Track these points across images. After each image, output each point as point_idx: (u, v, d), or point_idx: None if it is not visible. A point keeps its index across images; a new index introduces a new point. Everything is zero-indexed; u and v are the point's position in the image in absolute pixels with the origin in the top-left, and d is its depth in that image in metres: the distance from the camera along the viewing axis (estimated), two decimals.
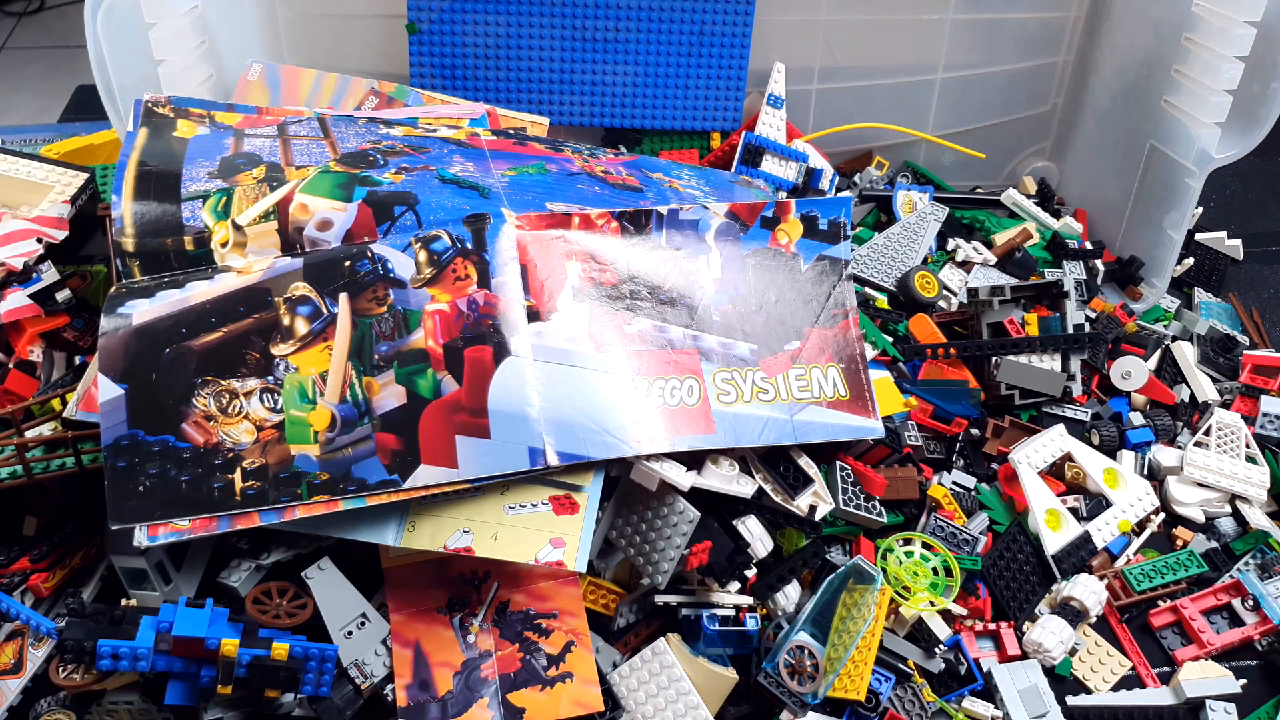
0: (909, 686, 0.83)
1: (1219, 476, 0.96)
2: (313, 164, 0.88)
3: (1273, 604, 0.89)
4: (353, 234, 0.82)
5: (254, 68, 1.07)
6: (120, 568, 0.80)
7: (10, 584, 0.82)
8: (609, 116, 1.21)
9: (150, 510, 0.73)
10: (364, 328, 0.79)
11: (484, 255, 0.81)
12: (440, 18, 1.14)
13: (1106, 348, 1.11)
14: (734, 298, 0.88)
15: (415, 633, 0.79)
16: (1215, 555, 0.93)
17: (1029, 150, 1.40)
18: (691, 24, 1.17)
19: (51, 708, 0.77)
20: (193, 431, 0.75)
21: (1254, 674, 0.86)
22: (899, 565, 0.87)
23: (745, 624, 0.82)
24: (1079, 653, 0.88)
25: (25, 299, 0.93)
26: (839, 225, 0.92)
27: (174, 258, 0.81)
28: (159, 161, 0.87)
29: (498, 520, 0.77)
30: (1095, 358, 1.09)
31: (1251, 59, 1.04)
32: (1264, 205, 1.43)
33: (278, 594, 0.78)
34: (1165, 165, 1.16)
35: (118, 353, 0.76)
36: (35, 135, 1.60)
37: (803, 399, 0.86)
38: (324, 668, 0.74)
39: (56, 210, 1.00)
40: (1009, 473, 0.97)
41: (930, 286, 1.12)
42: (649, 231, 0.87)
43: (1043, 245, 1.25)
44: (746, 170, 1.16)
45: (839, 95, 1.30)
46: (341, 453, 0.76)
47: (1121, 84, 1.24)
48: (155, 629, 0.70)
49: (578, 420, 0.78)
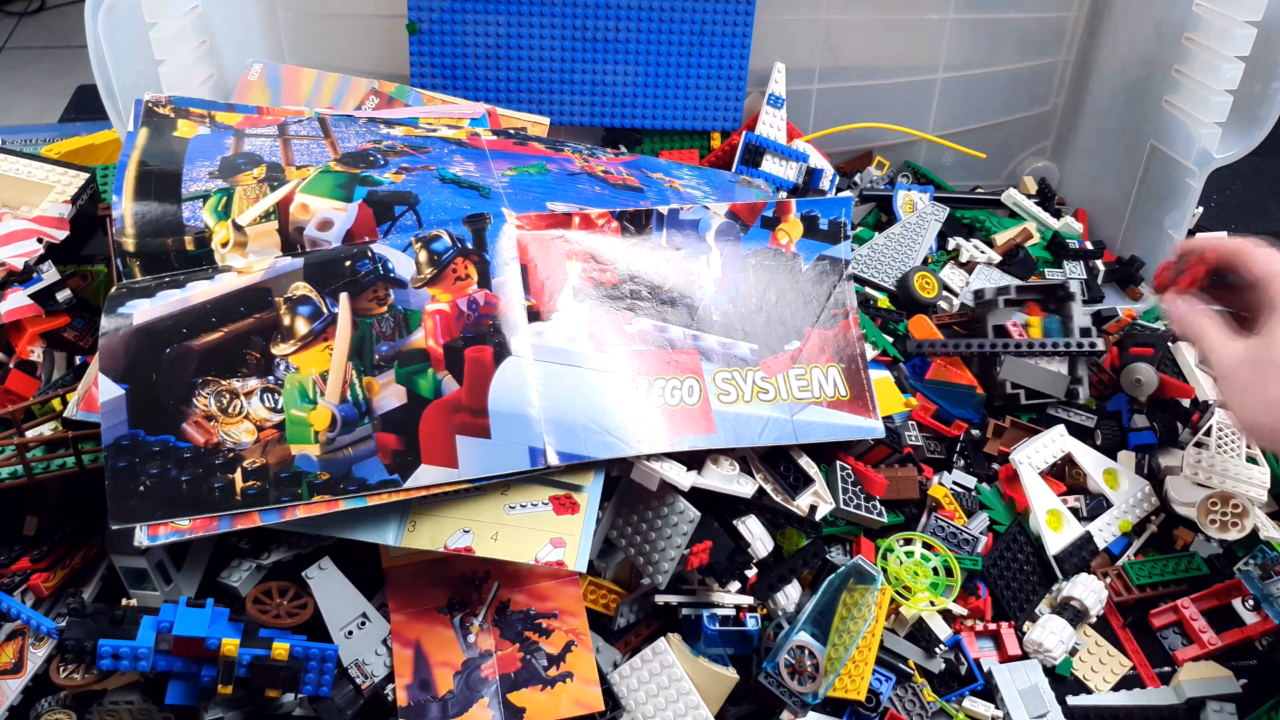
0: (909, 686, 0.82)
1: (1219, 477, 0.96)
2: (313, 164, 0.88)
3: (1273, 604, 0.89)
4: (353, 234, 0.82)
5: (254, 67, 1.07)
6: (121, 567, 0.80)
7: (11, 584, 0.82)
8: (609, 116, 1.21)
9: (151, 510, 0.73)
10: (364, 328, 0.79)
11: (484, 255, 0.81)
12: (440, 18, 1.14)
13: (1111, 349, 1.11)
14: (734, 297, 0.88)
15: (416, 632, 0.79)
16: (1216, 559, 0.93)
17: (1029, 150, 1.40)
18: (692, 24, 1.17)
19: (52, 707, 0.77)
20: (193, 431, 0.75)
21: (1254, 674, 0.86)
22: (899, 565, 0.87)
23: (745, 624, 0.82)
24: (1079, 653, 0.88)
25: (26, 299, 0.93)
26: (839, 225, 0.92)
27: (174, 258, 0.81)
28: (159, 161, 0.87)
29: (498, 520, 0.77)
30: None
31: (1252, 59, 1.05)
32: (1264, 205, 1.43)
33: (278, 594, 0.78)
34: (1166, 165, 1.16)
35: (118, 352, 0.76)
36: (36, 135, 1.60)
37: (803, 399, 0.86)
38: (324, 667, 0.74)
39: (57, 210, 1.00)
40: (1010, 473, 0.96)
41: (930, 287, 1.12)
42: (649, 231, 0.87)
43: (1043, 245, 1.25)
44: (747, 170, 1.16)
45: (839, 95, 1.31)
46: (342, 452, 0.76)
47: (1122, 84, 1.24)
48: (156, 629, 0.70)
49: (578, 420, 0.78)
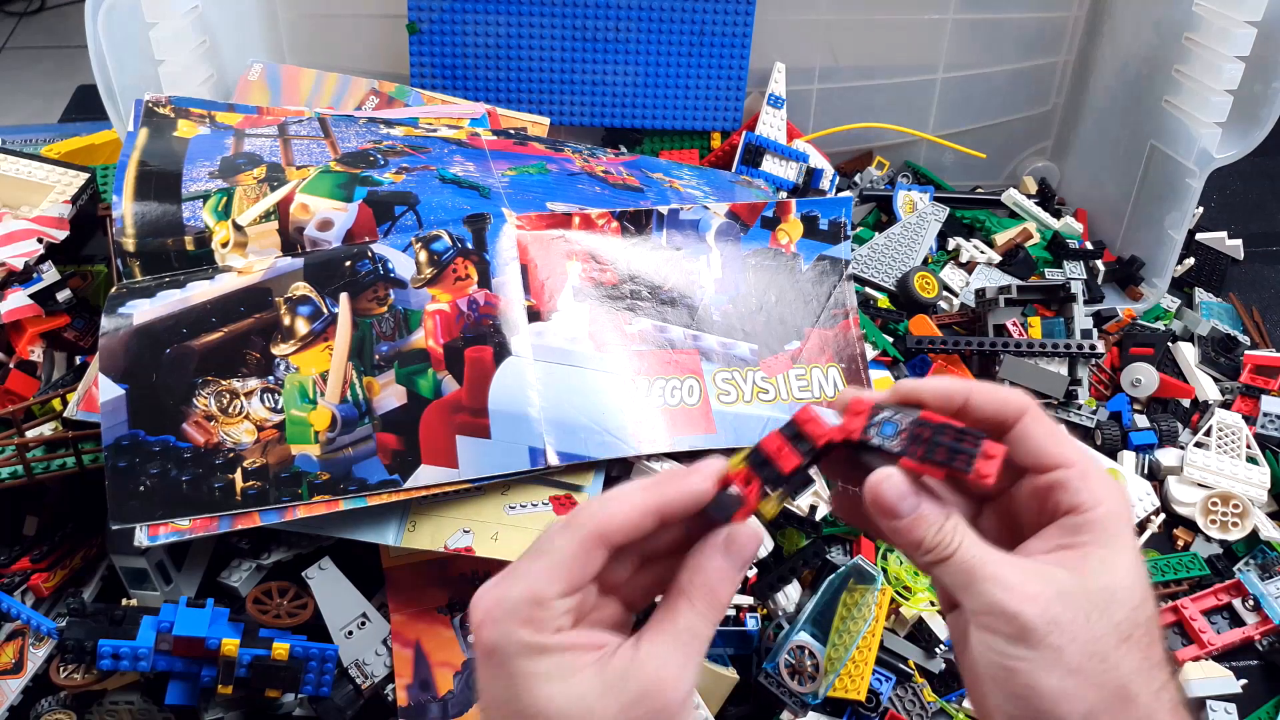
0: (910, 686, 0.82)
1: (1219, 477, 0.96)
2: (313, 164, 0.88)
3: (1273, 604, 0.89)
4: (353, 234, 0.82)
5: (254, 68, 1.07)
6: (121, 567, 0.80)
7: (11, 584, 0.82)
8: (609, 116, 1.21)
9: (151, 510, 0.73)
10: (364, 328, 0.79)
11: (484, 255, 0.81)
12: (440, 18, 1.14)
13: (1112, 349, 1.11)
14: (734, 298, 0.88)
15: (416, 632, 0.79)
16: (1217, 560, 0.93)
17: (1029, 150, 1.40)
18: (692, 24, 1.17)
19: (52, 707, 0.77)
20: (193, 431, 0.75)
21: (1254, 674, 0.86)
22: (899, 565, 0.87)
23: (745, 624, 0.82)
24: None
25: (26, 299, 0.93)
26: (839, 225, 0.92)
27: (175, 258, 0.81)
28: (160, 161, 0.87)
29: (498, 520, 0.77)
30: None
31: (1252, 59, 1.04)
32: (1265, 205, 1.43)
33: (278, 594, 0.78)
34: (1166, 165, 1.16)
35: (118, 353, 0.76)
36: (36, 135, 1.59)
37: (803, 399, 0.86)
38: (324, 668, 0.74)
39: (57, 210, 1.00)
40: None
41: (930, 287, 1.12)
42: (649, 231, 0.87)
43: (1043, 245, 1.25)
44: (747, 170, 1.16)
45: (839, 95, 1.30)
46: (342, 453, 0.76)
47: (1122, 84, 1.24)
48: (156, 629, 0.70)
49: (578, 420, 0.78)
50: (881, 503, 0.44)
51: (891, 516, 0.44)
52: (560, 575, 0.43)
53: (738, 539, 0.45)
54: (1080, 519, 0.43)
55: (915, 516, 0.43)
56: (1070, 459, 0.45)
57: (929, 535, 0.43)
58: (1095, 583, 0.42)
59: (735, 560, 0.45)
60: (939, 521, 0.43)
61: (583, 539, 0.43)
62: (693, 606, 0.44)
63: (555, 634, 0.42)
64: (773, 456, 0.45)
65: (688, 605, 0.44)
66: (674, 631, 0.43)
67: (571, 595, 0.43)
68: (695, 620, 0.44)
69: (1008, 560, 0.43)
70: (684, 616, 0.44)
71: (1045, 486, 0.45)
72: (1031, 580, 0.41)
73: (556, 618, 0.42)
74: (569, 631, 0.43)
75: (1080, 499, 0.44)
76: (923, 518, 0.43)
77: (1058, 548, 0.43)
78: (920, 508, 0.44)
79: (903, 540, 0.44)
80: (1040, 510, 0.45)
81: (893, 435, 0.45)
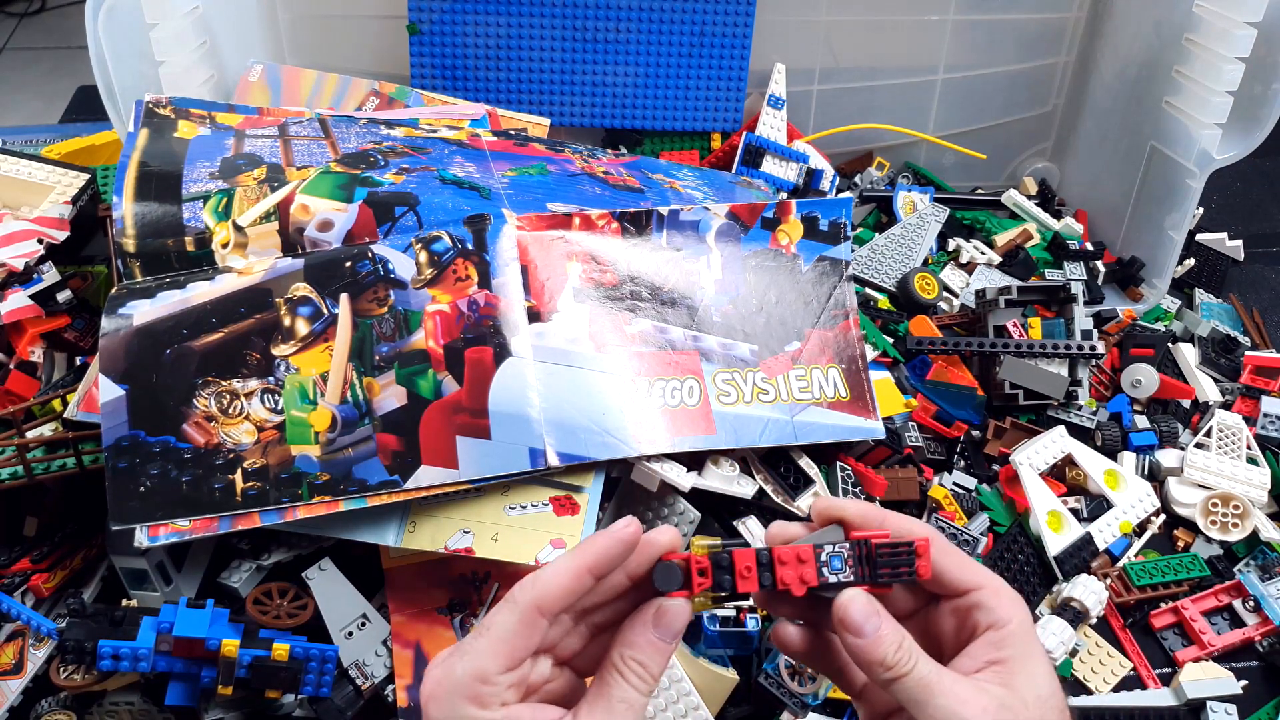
0: None
1: (1220, 478, 0.96)
2: (313, 165, 0.88)
3: (1274, 605, 0.89)
4: (353, 235, 0.82)
5: (255, 68, 1.07)
6: (121, 568, 0.80)
7: (11, 584, 0.82)
8: (609, 117, 1.21)
9: (151, 511, 0.73)
10: (365, 328, 0.79)
11: (485, 256, 0.81)
12: (441, 18, 1.14)
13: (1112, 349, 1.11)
14: (734, 298, 0.88)
15: (416, 633, 0.79)
16: (1217, 561, 0.93)
17: (1029, 151, 1.40)
18: (692, 24, 1.17)
19: (52, 708, 0.77)
20: (194, 432, 0.75)
21: (1255, 675, 0.86)
22: None
23: (746, 624, 0.81)
24: (1080, 654, 0.87)
25: (26, 299, 0.93)
26: (840, 226, 0.92)
27: (175, 258, 0.81)
28: (160, 162, 0.87)
29: (498, 521, 0.77)
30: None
31: (1252, 60, 1.04)
32: (1265, 206, 1.43)
33: (278, 594, 0.78)
34: (1166, 166, 1.16)
35: (119, 353, 0.76)
36: (36, 136, 1.59)
37: (803, 400, 0.86)
38: (324, 668, 0.74)
39: (57, 211, 1.00)
40: (1010, 474, 0.96)
41: (930, 288, 1.12)
42: (649, 232, 0.87)
43: (1043, 246, 1.25)
44: (747, 171, 1.16)
45: (839, 96, 1.30)
46: (342, 453, 0.76)
47: (1122, 85, 1.24)
48: (156, 629, 0.70)
49: (578, 421, 0.78)
50: (849, 622, 0.49)
51: (857, 635, 0.49)
52: (502, 651, 0.46)
53: (667, 613, 0.48)
54: (1000, 635, 0.50)
55: (876, 636, 0.48)
56: (980, 581, 0.51)
57: (889, 654, 0.48)
58: (1028, 694, 0.48)
59: (664, 633, 0.48)
60: (898, 639, 0.49)
61: (521, 613, 0.47)
62: (625, 680, 0.47)
63: (500, 709, 0.45)
64: (738, 574, 0.49)
65: (619, 679, 0.47)
66: (608, 704, 0.47)
67: (514, 670, 0.46)
68: (628, 692, 0.47)
69: (956, 678, 0.48)
70: (617, 689, 0.47)
71: (965, 608, 0.51)
72: (978, 696, 0.47)
73: (501, 693, 0.46)
74: (513, 706, 0.46)
75: (997, 615, 0.50)
76: (883, 637, 0.48)
77: (987, 664, 0.49)
78: (881, 628, 0.49)
79: (865, 658, 0.49)
80: (960, 627, 0.52)
81: (841, 566, 0.50)
